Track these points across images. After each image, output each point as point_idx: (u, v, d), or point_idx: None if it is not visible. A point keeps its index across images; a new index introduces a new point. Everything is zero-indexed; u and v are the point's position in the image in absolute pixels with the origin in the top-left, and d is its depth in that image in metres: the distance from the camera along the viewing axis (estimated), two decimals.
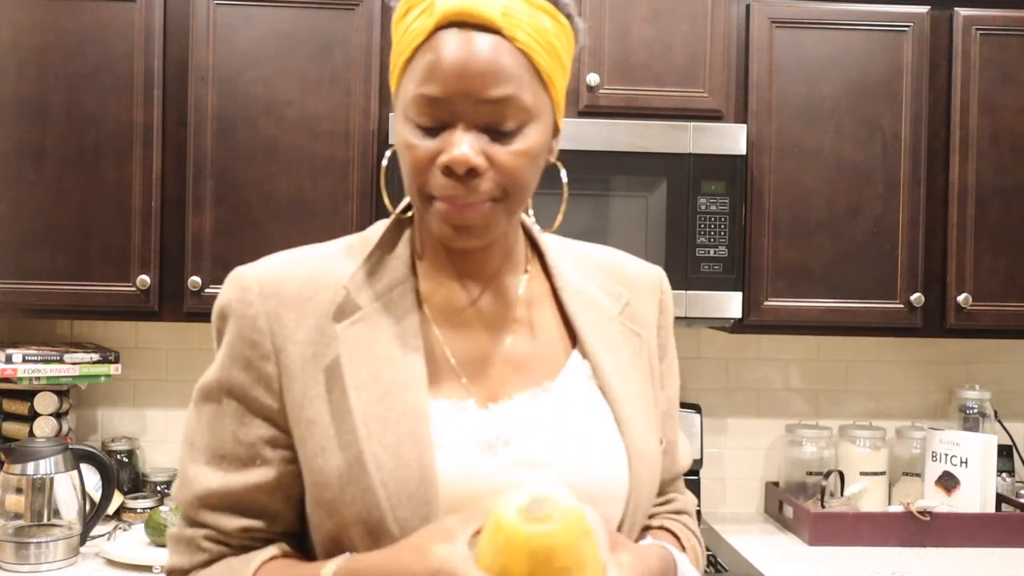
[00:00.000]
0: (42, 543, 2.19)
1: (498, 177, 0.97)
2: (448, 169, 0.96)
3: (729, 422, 2.91)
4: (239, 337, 1.02)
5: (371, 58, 2.43)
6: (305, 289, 1.03)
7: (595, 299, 1.12)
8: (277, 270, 1.05)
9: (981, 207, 2.55)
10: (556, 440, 1.01)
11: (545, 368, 1.06)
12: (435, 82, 0.95)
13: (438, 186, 0.97)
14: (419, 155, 0.98)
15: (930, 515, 2.51)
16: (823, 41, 2.53)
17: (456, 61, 0.95)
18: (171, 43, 2.43)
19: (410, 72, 0.98)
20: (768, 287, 2.51)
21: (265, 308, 1.02)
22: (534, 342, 1.08)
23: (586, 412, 1.05)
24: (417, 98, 0.97)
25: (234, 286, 1.05)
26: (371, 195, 2.43)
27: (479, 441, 0.98)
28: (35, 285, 2.40)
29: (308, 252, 1.09)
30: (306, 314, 1.02)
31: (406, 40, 0.98)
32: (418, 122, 0.97)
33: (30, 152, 2.40)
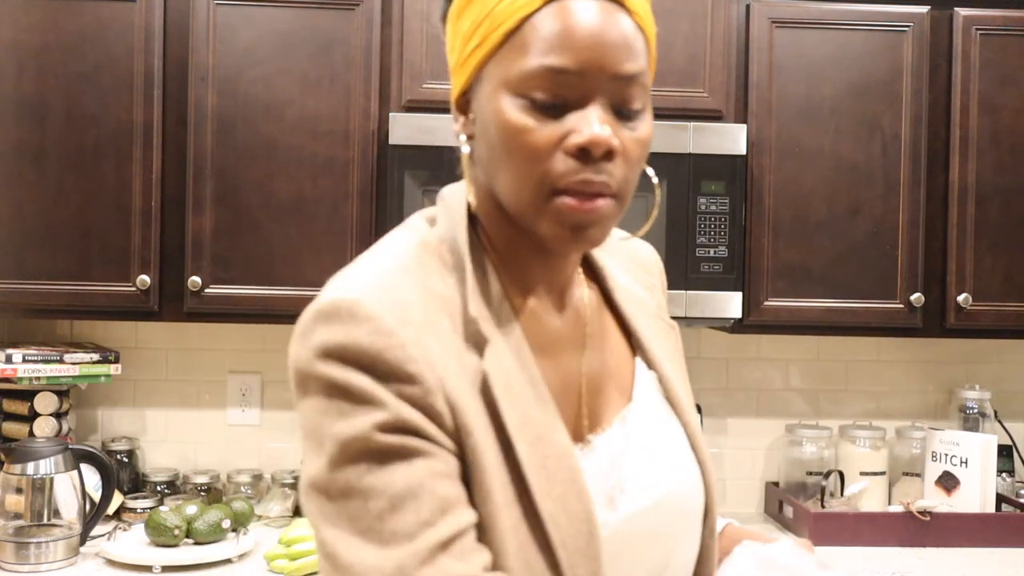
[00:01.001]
0: (42, 543, 2.19)
1: (623, 166, 0.86)
2: (583, 152, 0.84)
3: (729, 422, 2.91)
4: (388, 376, 0.80)
5: (371, 58, 2.43)
6: (429, 314, 0.85)
7: (639, 297, 1.06)
8: (392, 294, 0.84)
9: (981, 207, 2.55)
10: (654, 479, 0.94)
11: (619, 385, 0.98)
12: (566, 52, 0.84)
13: (565, 174, 0.84)
14: (539, 138, 0.84)
15: (930, 515, 2.51)
16: (823, 41, 2.53)
17: (593, 28, 0.84)
18: (171, 43, 2.43)
19: (517, 43, 0.85)
20: (768, 287, 2.52)
21: (411, 335, 0.82)
22: (605, 356, 0.99)
23: (665, 434, 0.99)
24: (540, 70, 0.84)
25: (353, 319, 0.82)
26: (371, 195, 2.43)
27: (600, 493, 0.89)
28: (35, 285, 2.40)
29: (392, 270, 0.88)
30: (443, 343, 0.84)
31: (507, 7, 0.85)
32: (537, 99, 0.84)
33: (30, 152, 2.40)
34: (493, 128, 0.87)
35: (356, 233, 2.42)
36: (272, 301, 2.42)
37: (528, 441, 0.85)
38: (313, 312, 0.84)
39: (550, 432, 0.87)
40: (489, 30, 0.87)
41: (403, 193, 2.35)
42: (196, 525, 2.29)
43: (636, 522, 0.91)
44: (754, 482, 2.91)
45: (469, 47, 0.89)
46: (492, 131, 0.87)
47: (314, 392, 0.82)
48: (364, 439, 0.80)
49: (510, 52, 0.86)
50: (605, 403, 0.97)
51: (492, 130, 0.87)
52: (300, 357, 0.84)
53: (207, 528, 2.29)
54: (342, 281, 0.87)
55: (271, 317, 2.45)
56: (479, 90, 0.89)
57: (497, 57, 0.87)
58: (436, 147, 2.35)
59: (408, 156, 2.35)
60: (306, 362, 0.83)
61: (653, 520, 0.93)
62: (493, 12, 0.87)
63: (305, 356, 0.83)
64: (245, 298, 2.42)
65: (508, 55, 0.86)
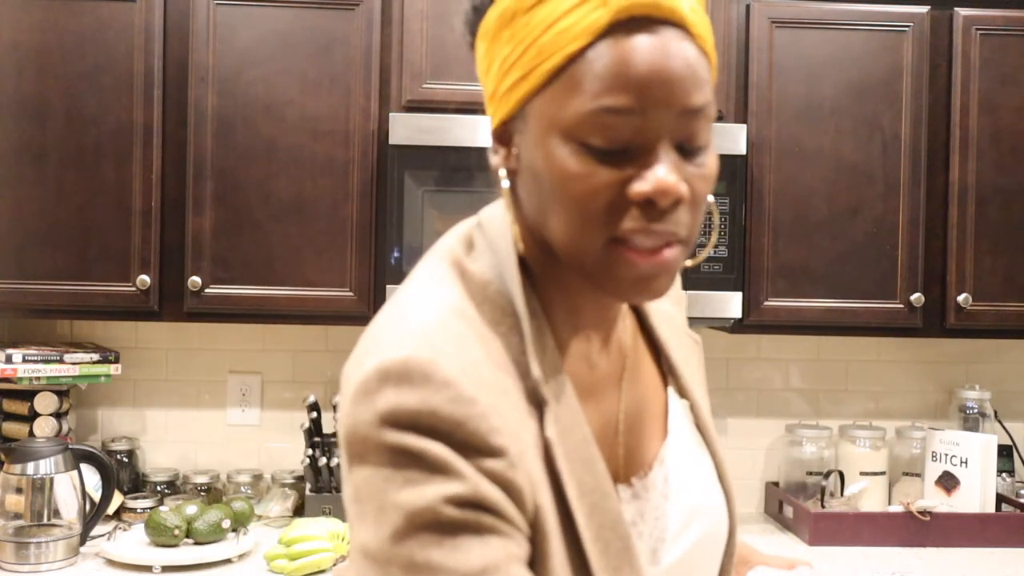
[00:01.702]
0: (42, 543, 2.19)
1: (690, 210, 0.79)
2: (649, 202, 0.75)
3: (729, 422, 2.91)
4: (472, 447, 0.73)
5: (371, 58, 2.43)
6: (495, 374, 0.78)
7: (669, 316, 1.00)
8: (461, 351, 0.77)
9: (981, 207, 2.55)
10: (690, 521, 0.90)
11: (654, 418, 0.93)
12: (625, 90, 0.74)
13: (632, 227, 0.76)
14: (599, 185, 0.75)
15: (930, 515, 2.51)
16: (823, 41, 2.53)
17: (655, 60, 0.75)
18: (171, 43, 2.43)
19: (568, 82, 0.76)
20: (768, 287, 2.51)
21: (491, 403, 0.74)
22: (640, 389, 0.93)
23: (698, 469, 0.94)
24: (596, 113, 0.75)
25: (429, 383, 0.73)
26: (371, 195, 2.43)
27: (646, 549, 0.86)
28: (35, 285, 2.40)
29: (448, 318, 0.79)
30: (513, 407, 0.77)
31: (554, 39, 0.76)
32: (596, 144, 0.75)
33: (30, 152, 2.40)
34: (545, 173, 0.78)
35: (356, 233, 2.42)
36: (272, 301, 2.42)
37: (586, 513, 0.79)
38: (378, 371, 0.74)
39: (603, 498, 0.81)
40: (535, 63, 0.77)
41: (403, 193, 2.35)
42: (196, 525, 2.29)
43: (675, 570, 0.89)
44: (754, 482, 2.91)
45: (511, 79, 0.79)
46: (543, 176, 0.78)
47: (375, 459, 0.73)
48: (435, 511, 0.71)
49: (560, 90, 0.76)
50: (644, 441, 0.91)
51: (543, 175, 0.78)
52: (361, 420, 0.74)
53: (207, 528, 2.29)
54: (406, 331, 0.77)
55: (271, 317, 2.45)
56: (524, 126, 0.80)
57: (545, 94, 0.77)
58: (436, 147, 2.35)
59: (408, 156, 2.35)
60: (368, 427, 0.73)
61: (688, 565, 0.90)
62: (539, 43, 0.77)
63: (368, 419, 0.73)
64: (245, 298, 2.42)
65: (558, 93, 0.77)
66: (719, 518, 0.94)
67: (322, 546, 2.21)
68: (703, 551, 0.92)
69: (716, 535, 0.94)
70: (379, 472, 0.73)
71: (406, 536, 0.72)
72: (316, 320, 2.47)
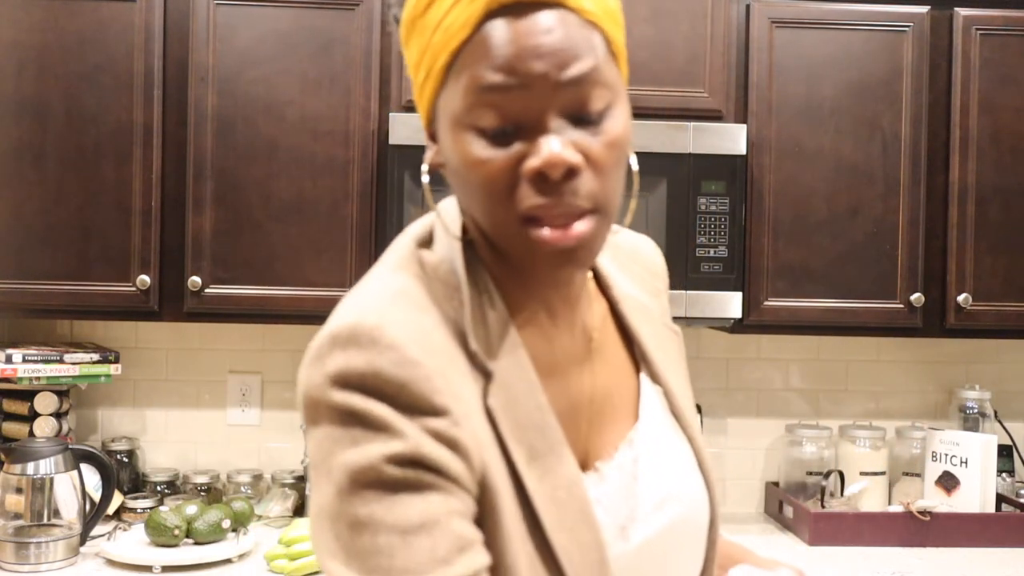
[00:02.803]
0: (42, 543, 2.19)
1: (594, 178, 0.80)
2: (541, 176, 0.78)
3: (729, 422, 2.91)
4: (411, 408, 0.76)
5: (371, 58, 2.43)
6: (447, 341, 0.82)
7: (643, 304, 1.01)
8: (413, 319, 0.81)
9: (981, 207, 2.55)
10: (663, 502, 0.92)
11: (624, 403, 0.95)
12: (502, 70, 0.77)
13: (532, 203, 0.79)
14: (495, 169, 0.79)
15: (930, 515, 2.51)
16: (823, 41, 2.53)
17: (526, 38, 0.77)
18: (171, 43, 2.43)
19: (457, 74, 0.80)
20: (768, 287, 2.51)
21: (436, 366, 0.78)
22: (609, 372, 0.95)
23: (672, 454, 0.96)
24: (480, 93, 0.78)
25: (375, 346, 0.77)
26: (371, 195, 2.43)
27: (610, 523, 0.88)
28: (35, 285, 2.40)
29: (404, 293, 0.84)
30: (461, 372, 0.81)
31: (441, 38, 0.80)
32: (484, 125, 0.79)
33: (30, 152, 2.40)
34: (455, 164, 0.82)
35: (356, 233, 2.42)
36: (272, 301, 2.42)
37: (537, 475, 0.82)
38: (329, 336, 0.79)
39: (558, 464, 0.84)
40: (431, 63, 0.82)
41: (403, 193, 2.35)
42: (196, 525, 2.29)
43: (647, 549, 0.90)
44: (754, 482, 2.91)
45: (418, 80, 0.84)
46: (457, 167, 0.82)
47: (326, 420, 0.78)
48: (377, 470, 0.75)
49: (452, 85, 0.80)
50: (611, 424, 0.93)
51: (456, 166, 0.82)
52: (313, 383, 0.78)
53: (207, 528, 2.29)
54: (357, 304, 0.82)
55: (271, 317, 2.45)
56: (439, 123, 0.84)
57: (445, 91, 0.82)
58: None
59: (408, 156, 2.35)
60: (319, 388, 0.78)
61: (663, 546, 0.91)
62: (432, 43, 0.81)
63: (319, 382, 0.78)
64: (245, 298, 2.42)
65: (451, 88, 0.81)
66: (697, 505, 0.95)
67: None
68: (680, 536, 0.93)
69: (694, 521, 0.94)
70: (329, 433, 0.77)
71: (350, 494, 0.75)
72: (316, 320, 2.45)
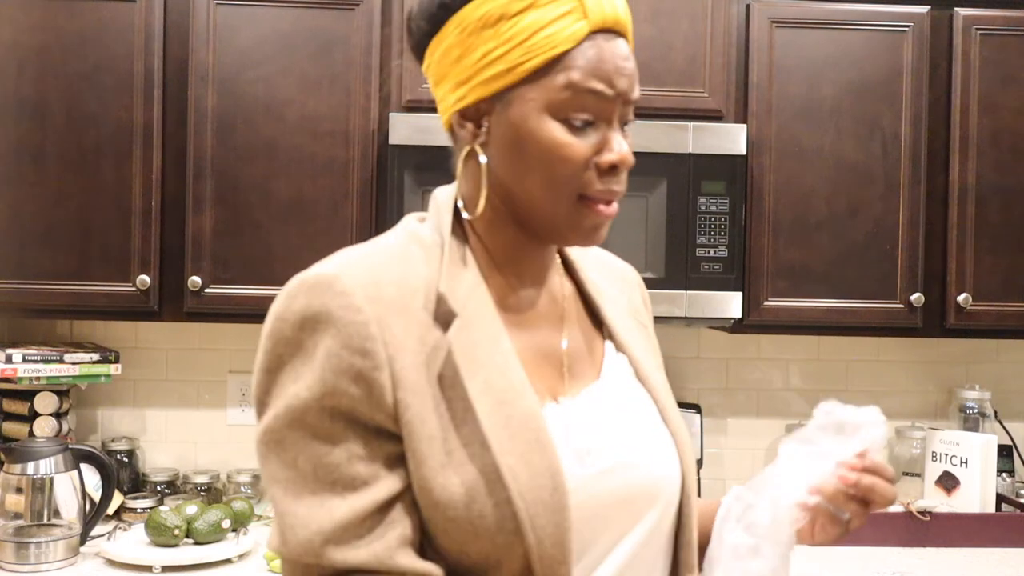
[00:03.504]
0: (42, 543, 2.19)
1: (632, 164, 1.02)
2: (613, 167, 0.99)
3: (729, 422, 2.91)
4: (346, 347, 0.92)
5: (371, 58, 2.43)
6: (402, 293, 0.96)
7: (610, 294, 1.16)
8: (370, 273, 0.96)
9: (981, 207, 2.55)
10: (624, 442, 1.03)
11: (591, 363, 1.09)
12: (603, 80, 0.98)
13: (598, 185, 0.99)
14: (578, 154, 0.98)
15: (930, 515, 2.51)
16: (823, 41, 2.53)
17: (619, 63, 0.99)
18: (171, 43, 2.43)
19: (557, 71, 0.97)
20: (768, 287, 2.52)
21: (375, 314, 0.93)
22: (578, 339, 1.10)
23: (636, 407, 1.08)
24: (583, 94, 0.97)
25: (329, 291, 0.94)
26: (371, 195, 2.43)
27: (569, 450, 0.97)
28: (35, 285, 2.40)
29: (377, 253, 1.01)
30: (409, 321, 0.95)
31: (543, 43, 0.97)
32: (576, 118, 0.98)
33: (30, 152, 2.40)
34: (532, 143, 0.98)
35: (356, 233, 2.42)
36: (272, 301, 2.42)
37: (490, 404, 0.93)
38: (299, 280, 0.97)
39: (515, 396, 0.95)
40: (522, 59, 0.97)
41: (403, 193, 2.35)
42: (196, 525, 2.29)
43: (605, 480, 0.99)
44: None
45: (494, 70, 0.98)
46: (529, 146, 0.98)
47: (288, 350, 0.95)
48: (307, 409, 0.92)
49: (548, 77, 0.97)
50: (577, 376, 1.06)
51: (529, 145, 0.98)
52: (280, 315, 0.96)
53: (207, 528, 2.29)
54: (334, 257, 0.99)
55: None
56: (502, 106, 0.99)
57: (531, 81, 0.98)
58: (436, 147, 2.34)
59: (408, 156, 2.35)
60: (282, 320, 0.96)
61: (622, 480, 1.00)
62: (526, 44, 0.97)
63: (284, 315, 0.96)
64: (245, 298, 2.42)
65: (545, 79, 0.97)
66: (661, 454, 1.06)
67: None
68: (641, 477, 1.02)
69: (656, 468, 1.05)
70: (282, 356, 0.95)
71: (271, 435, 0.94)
72: None
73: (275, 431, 0.93)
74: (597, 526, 0.98)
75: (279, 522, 0.93)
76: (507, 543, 0.91)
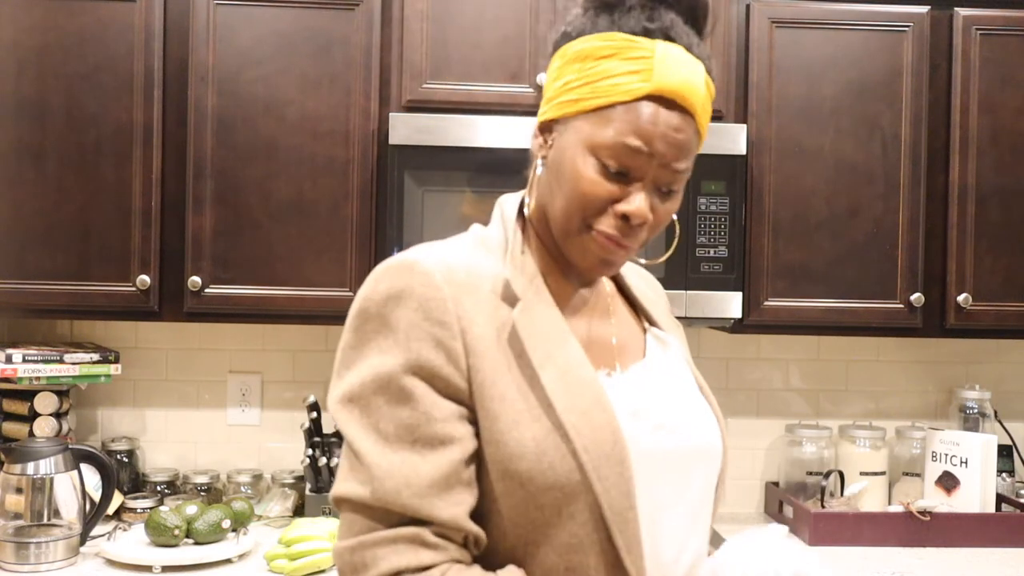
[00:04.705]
0: (42, 543, 2.19)
1: (651, 227, 1.12)
2: (625, 217, 1.09)
3: (729, 422, 2.89)
4: (427, 318, 1.05)
5: (371, 58, 2.43)
6: (472, 278, 1.09)
7: (648, 295, 1.31)
8: (444, 259, 1.10)
9: (981, 207, 2.55)
10: (672, 406, 1.15)
11: (635, 348, 1.22)
12: (642, 139, 1.07)
13: (607, 225, 1.09)
14: (598, 193, 1.08)
15: (930, 515, 2.51)
16: (823, 41, 2.53)
17: (669, 132, 1.07)
18: (171, 43, 2.43)
19: (608, 117, 1.08)
20: (768, 287, 2.52)
21: (451, 292, 1.06)
22: (623, 327, 1.23)
23: (678, 382, 1.21)
24: (620, 145, 1.07)
25: (410, 272, 1.07)
26: (371, 195, 2.43)
27: (626, 409, 1.09)
28: (35, 285, 2.40)
29: (449, 247, 1.14)
30: (479, 300, 1.08)
31: (606, 88, 1.08)
32: (608, 165, 1.08)
33: (30, 152, 2.40)
34: (567, 169, 1.10)
35: (356, 233, 2.42)
36: (272, 301, 2.42)
37: (553, 372, 1.06)
38: (383, 266, 1.10)
39: (574, 365, 1.08)
40: (588, 95, 1.09)
41: (403, 193, 2.35)
42: (196, 525, 2.29)
43: (660, 435, 1.11)
44: (754, 482, 2.91)
45: (567, 97, 1.11)
46: (565, 170, 1.10)
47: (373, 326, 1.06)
48: (391, 376, 1.03)
49: (600, 120, 1.08)
50: (626, 357, 1.19)
51: (565, 169, 1.10)
52: (366, 296, 1.08)
53: (207, 528, 2.29)
54: (411, 249, 1.13)
55: (271, 317, 2.45)
56: (563, 130, 1.12)
57: (587, 117, 1.09)
58: (436, 147, 2.35)
59: (408, 156, 2.35)
60: (368, 300, 1.08)
61: (674, 438, 1.12)
62: (595, 85, 1.09)
63: (370, 295, 1.08)
64: (245, 298, 2.42)
65: (597, 121, 1.08)
66: (706, 423, 1.18)
67: (322, 546, 2.21)
68: (693, 438, 1.15)
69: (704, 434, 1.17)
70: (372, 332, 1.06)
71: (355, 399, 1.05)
72: (316, 320, 2.47)
73: (361, 396, 1.04)
74: (655, 478, 1.09)
75: (368, 473, 1.02)
76: (575, 492, 1.02)
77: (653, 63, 1.07)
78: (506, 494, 1.04)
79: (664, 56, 1.08)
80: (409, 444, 1.02)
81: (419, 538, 1.00)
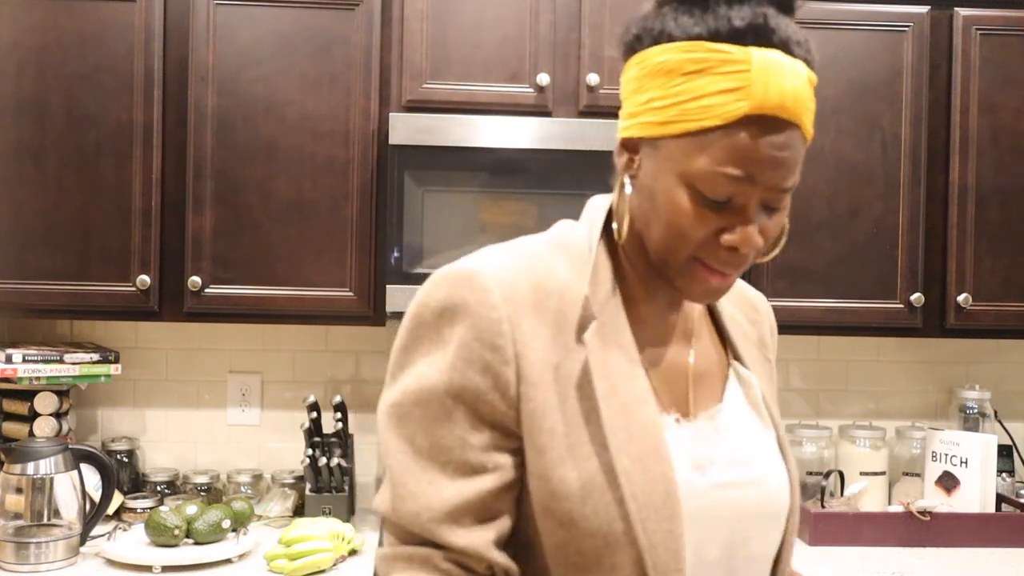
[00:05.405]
0: (42, 543, 2.19)
1: (761, 247, 1.02)
2: (733, 248, 0.99)
3: None
4: (478, 339, 0.97)
5: (371, 58, 2.43)
6: (537, 294, 1.00)
7: (739, 322, 1.19)
8: (510, 272, 1.00)
9: (981, 207, 2.55)
10: (742, 461, 1.05)
11: (714, 384, 1.11)
12: (743, 168, 0.95)
13: (714, 260, 0.99)
14: (696, 227, 0.98)
15: (930, 515, 2.51)
16: (823, 41, 2.53)
17: (773, 154, 0.96)
18: (171, 43, 2.43)
19: (702, 143, 0.96)
20: (768, 287, 2.51)
21: (508, 312, 0.98)
22: (704, 359, 1.11)
23: (755, 432, 1.10)
24: (718, 176, 0.95)
25: (469, 285, 0.99)
26: (371, 195, 2.43)
27: (688, 460, 1.00)
28: (35, 285, 2.40)
29: (520, 254, 1.04)
30: (541, 321, 0.99)
31: (697, 109, 0.96)
32: (707, 195, 0.97)
33: (30, 152, 2.40)
34: (661, 200, 0.99)
35: (356, 233, 2.42)
36: (272, 301, 2.42)
37: (614, 407, 0.97)
38: (444, 273, 1.02)
39: (638, 404, 0.98)
40: (677, 119, 0.96)
41: (403, 193, 2.35)
42: (196, 525, 2.29)
43: (722, 492, 1.01)
44: None
45: (652, 118, 0.99)
46: (659, 200, 0.99)
47: (426, 334, 1.00)
48: (433, 391, 0.97)
49: (692, 147, 0.96)
50: (702, 395, 1.08)
51: (659, 200, 0.99)
52: (423, 302, 1.01)
53: (207, 528, 2.29)
54: (478, 254, 1.04)
55: (271, 317, 2.45)
56: (653, 152, 1.00)
57: (678, 142, 0.97)
58: (436, 147, 2.35)
59: (408, 156, 2.35)
60: (424, 307, 1.01)
61: (739, 496, 1.02)
62: (684, 106, 0.96)
63: (426, 301, 1.01)
64: (245, 298, 2.42)
65: (689, 148, 0.96)
66: (776, 480, 1.08)
67: (322, 546, 2.21)
68: (757, 497, 1.04)
69: (771, 492, 1.06)
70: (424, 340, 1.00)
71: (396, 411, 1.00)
72: (316, 320, 2.47)
73: (401, 405, 0.99)
74: (711, 536, 1.00)
75: (392, 490, 0.98)
76: (618, 543, 0.95)
77: (751, 77, 0.94)
78: (548, 532, 0.97)
79: (762, 66, 0.95)
80: (440, 465, 0.97)
81: (431, 561, 0.96)
